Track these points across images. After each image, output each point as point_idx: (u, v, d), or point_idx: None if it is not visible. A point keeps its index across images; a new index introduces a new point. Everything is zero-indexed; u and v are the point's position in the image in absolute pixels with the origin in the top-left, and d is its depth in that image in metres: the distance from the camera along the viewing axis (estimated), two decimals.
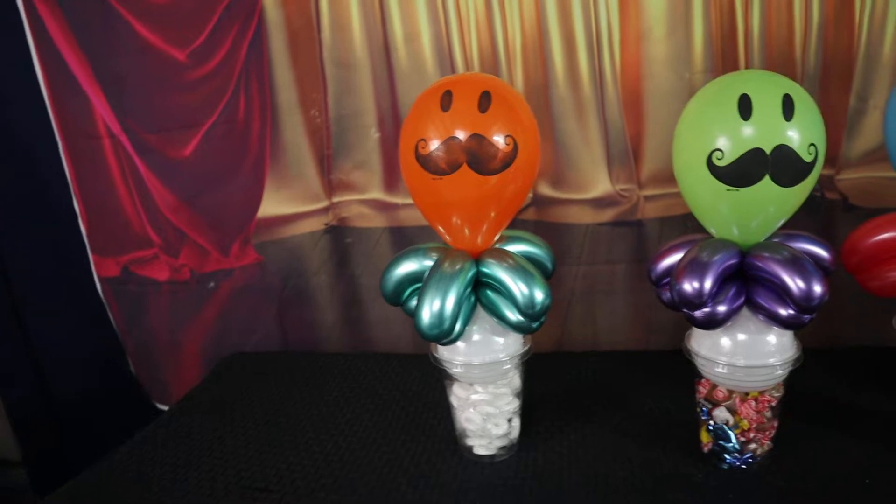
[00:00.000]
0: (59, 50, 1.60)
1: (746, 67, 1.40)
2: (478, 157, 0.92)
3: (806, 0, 1.35)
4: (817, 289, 0.88)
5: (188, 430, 1.30)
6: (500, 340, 1.06)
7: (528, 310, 0.97)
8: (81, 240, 1.75)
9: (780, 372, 0.99)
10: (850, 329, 1.41)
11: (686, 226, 1.49)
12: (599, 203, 1.50)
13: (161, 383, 1.83)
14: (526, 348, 1.08)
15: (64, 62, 1.60)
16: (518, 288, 0.97)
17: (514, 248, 1.06)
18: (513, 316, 1.00)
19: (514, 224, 1.49)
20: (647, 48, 1.42)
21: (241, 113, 1.56)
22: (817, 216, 1.44)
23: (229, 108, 1.56)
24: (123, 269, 1.72)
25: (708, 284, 0.91)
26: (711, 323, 0.93)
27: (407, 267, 1.05)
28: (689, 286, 0.91)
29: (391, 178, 1.56)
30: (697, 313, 0.93)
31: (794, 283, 0.88)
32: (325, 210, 1.60)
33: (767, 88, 0.88)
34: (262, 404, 1.38)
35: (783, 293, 0.90)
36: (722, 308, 0.93)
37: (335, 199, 1.59)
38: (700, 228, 1.47)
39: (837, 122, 1.40)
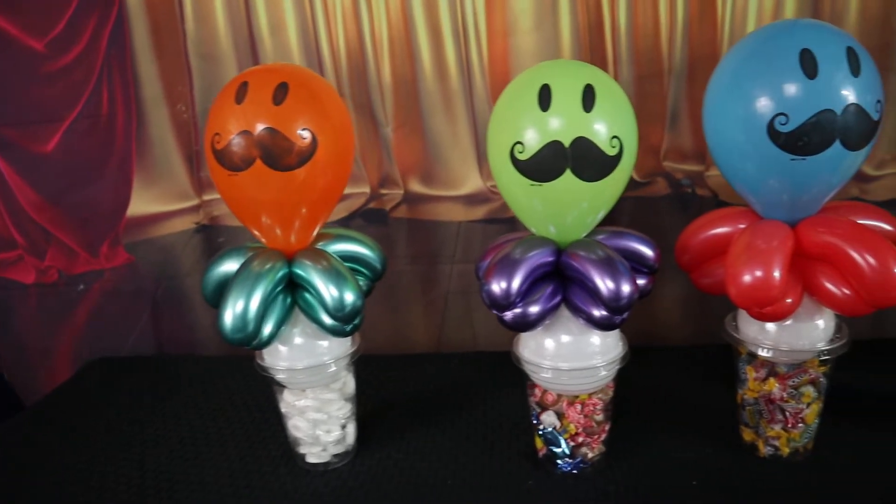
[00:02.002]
0: None
1: (615, 62, 1.38)
2: (271, 152, 0.87)
3: None
4: (625, 289, 0.85)
5: (20, 442, 1.23)
6: (325, 343, 1.01)
7: (337, 312, 0.93)
8: None
9: (604, 373, 0.95)
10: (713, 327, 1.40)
11: None
12: (471, 200, 1.46)
13: (35, 391, 1.75)
14: (353, 349, 1.04)
15: None
16: (328, 290, 0.92)
17: (338, 247, 1.01)
18: (327, 319, 0.95)
19: (387, 222, 1.49)
20: (515, 41, 1.38)
21: (105, 107, 1.49)
22: (688, 213, 1.42)
23: (92, 102, 1.49)
24: None
25: (516, 284, 0.87)
26: (524, 325, 0.90)
27: (228, 267, 0.99)
28: (496, 286, 0.87)
29: None
30: (507, 314, 0.89)
31: (604, 284, 0.85)
32: (196, 208, 1.54)
33: (570, 78, 0.84)
34: (112, 411, 1.32)
35: (593, 293, 0.86)
36: (535, 308, 0.89)
37: (206, 197, 1.53)
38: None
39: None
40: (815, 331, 0.95)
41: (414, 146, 1.45)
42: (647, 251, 0.95)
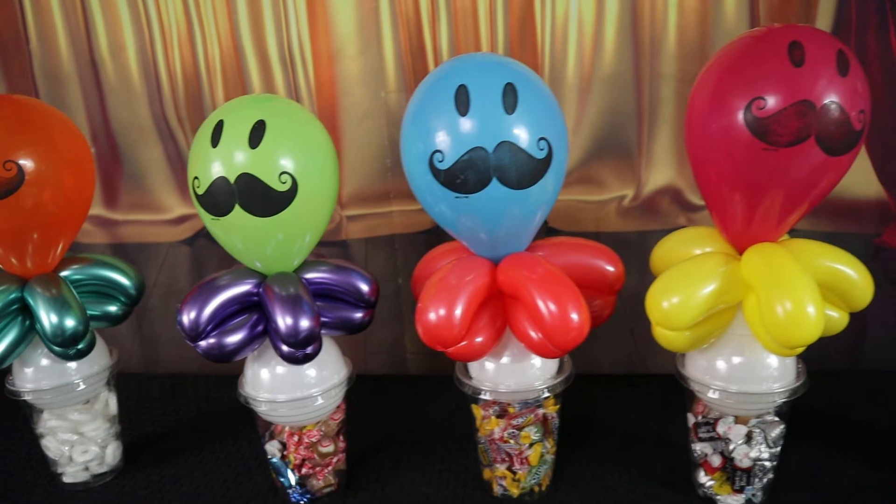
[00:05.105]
0: None
1: None
2: None
3: (490, 19, 1.32)
4: (304, 325, 0.86)
5: None
6: (72, 364, 1.03)
7: (55, 338, 0.95)
8: None
9: (321, 402, 0.95)
10: None
11: (393, 247, 1.47)
12: None
13: None
14: (107, 368, 1.06)
15: None
16: (48, 317, 0.94)
17: (90, 272, 1.03)
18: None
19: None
20: (341, 66, 1.39)
21: None
22: None
23: None
24: None
25: (205, 314, 0.88)
26: (220, 356, 0.90)
27: None
28: (185, 316, 0.88)
29: (110, 194, 1.54)
30: (200, 344, 0.89)
31: (283, 320, 0.86)
32: None
33: (243, 113, 0.85)
34: None
35: (274, 329, 0.87)
36: (233, 339, 0.90)
37: None
38: (407, 247, 1.48)
39: None
40: (532, 370, 0.93)
41: None
42: (364, 286, 0.95)
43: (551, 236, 1.38)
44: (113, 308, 1.06)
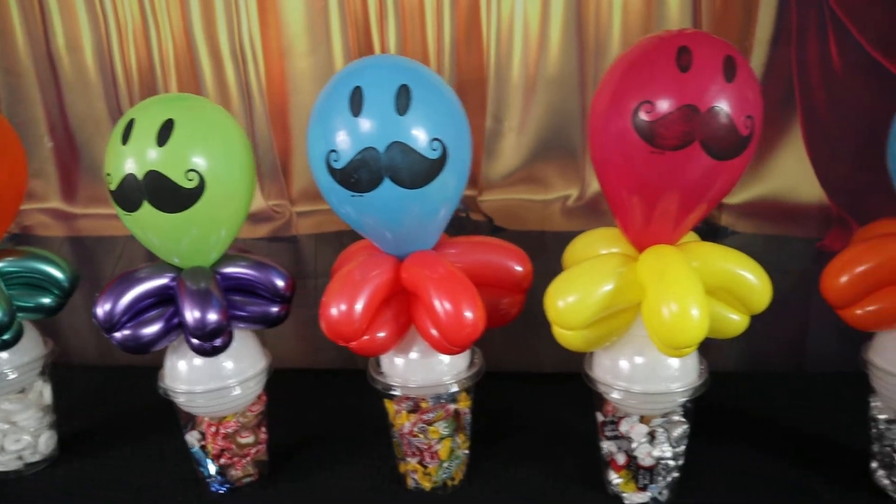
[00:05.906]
0: None
1: None
2: None
3: (437, 19, 1.34)
4: (211, 318, 0.88)
5: None
6: (4, 354, 1.06)
7: None
8: None
9: (237, 392, 0.97)
10: None
11: (342, 242, 1.48)
12: (254, 218, 1.47)
13: None
14: (40, 357, 1.08)
15: None
16: None
17: (24, 264, 1.06)
18: None
19: None
20: (291, 63, 1.40)
21: None
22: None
23: None
24: None
25: (120, 306, 0.90)
26: (136, 347, 0.92)
27: None
28: (100, 308, 0.90)
29: (68, 187, 1.56)
30: (116, 335, 0.91)
31: (191, 314, 0.88)
32: None
33: (153, 112, 0.87)
34: None
35: (183, 322, 0.89)
36: (149, 330, 0.92)
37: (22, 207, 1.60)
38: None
39: (476, 143, 1.36)
40: (441, 365, 0.94)
41: None
42: (280, 282, 0.97)
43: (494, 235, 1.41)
44: (46, 300, 1.08)
